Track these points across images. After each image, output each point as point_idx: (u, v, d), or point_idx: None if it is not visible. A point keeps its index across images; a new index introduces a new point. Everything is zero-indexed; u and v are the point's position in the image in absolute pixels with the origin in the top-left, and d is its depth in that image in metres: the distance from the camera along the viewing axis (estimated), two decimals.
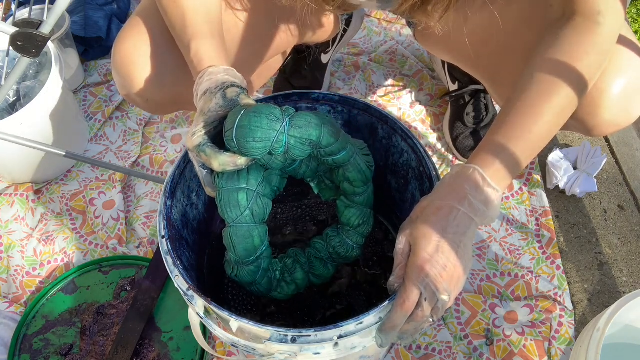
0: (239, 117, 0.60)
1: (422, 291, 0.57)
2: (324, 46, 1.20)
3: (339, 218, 0.73)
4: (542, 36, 0.66)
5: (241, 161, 0.61)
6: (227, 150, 0.62)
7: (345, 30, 1.21)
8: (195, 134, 0.62)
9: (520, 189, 1.10)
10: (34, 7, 1.17)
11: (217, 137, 0.63)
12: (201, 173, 0.64)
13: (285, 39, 0.93)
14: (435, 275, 0.57)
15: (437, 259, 0.57)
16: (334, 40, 1.20)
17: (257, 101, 0.76)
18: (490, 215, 0.60)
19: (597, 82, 0.69)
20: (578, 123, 0.75)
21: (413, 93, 1.26)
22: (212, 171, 0.64)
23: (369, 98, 1.27)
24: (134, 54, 0.78)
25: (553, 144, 1.16)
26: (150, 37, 0.78)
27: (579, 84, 0.63)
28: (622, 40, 0.70)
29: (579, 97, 0.63)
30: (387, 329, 0.59)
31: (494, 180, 0.60)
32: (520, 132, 0.62)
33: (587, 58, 0.62)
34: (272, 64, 1.08)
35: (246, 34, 0.86)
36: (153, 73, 0.79)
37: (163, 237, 0.65)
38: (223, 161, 0.61)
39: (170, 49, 0.77)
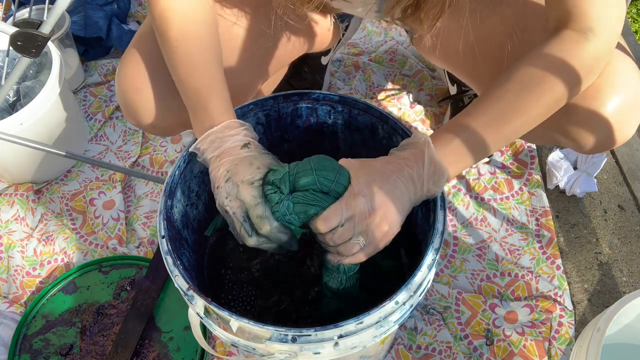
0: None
1: (342, 219, 0.61)
2: (325, 50, 1.20)
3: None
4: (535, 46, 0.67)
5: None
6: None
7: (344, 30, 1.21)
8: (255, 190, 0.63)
9: (520, 189, 1.10)
10: (34, 7, 1.17)
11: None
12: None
13: (289, 53, 0.93)
14: (362, 212, 0.60)
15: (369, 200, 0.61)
16: None
17: (257, 102, 0.76)
18: (433, 188, 0.63)
19: (591, 101, 0.70)
20: (571, 141, 0.76)
21: (413, 93, 1.26)
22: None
23: (369, 98, 1.27)
24: (137, 82, 0.78)
25: (553, 144, 1.16)
26: (152, 64, 0.78)
27: (558, 86, 0.63)
28: (618, 59, 0.70)
29: (555, 98, 0.64)
30: (313, 224, 0.62)
31: (443, 159, 0.63)
32: (485, 120, 0.64)
33: (567, 65, 0.63)
34: (279, 73, 1.08)
35: (253, 55, 0.86)
36: (158, 100, 0.78)
37: (163, 237, 0.65)
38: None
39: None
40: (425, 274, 0.61)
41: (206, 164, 0.68)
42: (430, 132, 1.20)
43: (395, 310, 0.59)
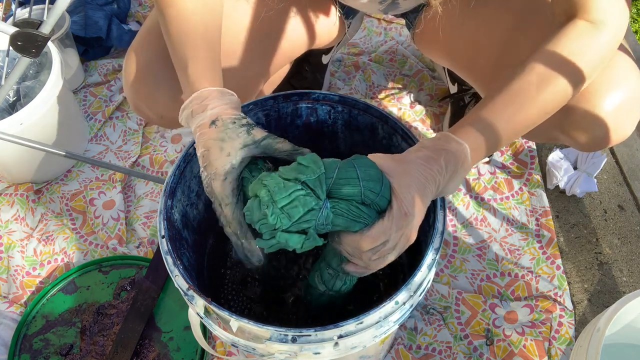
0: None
1: (388, 239, 0.58)
2: (327, 49, 1.20)
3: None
4: (544, 39, 0.66)
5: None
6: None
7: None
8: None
9: (520, 189, 1.10)
10: (34, 7, 1.17)
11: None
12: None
13: (295, 48, 0.93)
14: (407, 235, 0.58)
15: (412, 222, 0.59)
16: None
17: (257, 102, 0.76)
18: (450, 190, 0.63)
19: (590, 98, 0.70)
20: (570, 138, 0.76)
21: (413, 93, 1.26)
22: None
23: (369, 98, 1.27)
24: (144, 72, 0.78)
25: (553, 144, 1.16)
26: (159, 54, 0.77)
27: (572, 79, 0.63)
28: (618, 57, 0.70)
29: (568, 92, 0.64)
30: (354, 240, 0.59)
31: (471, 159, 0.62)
32: (507, 115, 0.63)
33: (581, 57, 0.63)
34: (281, 71, 1.08)
35: (257, 49, 0.86)
36: (165, 90, 0.78)
37: (163, 237, 0.65)
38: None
39: None
40: (425, 274, 0.61)
41: None
42: (430, 132, 1.20)
43: (395, 310, 0.59)
